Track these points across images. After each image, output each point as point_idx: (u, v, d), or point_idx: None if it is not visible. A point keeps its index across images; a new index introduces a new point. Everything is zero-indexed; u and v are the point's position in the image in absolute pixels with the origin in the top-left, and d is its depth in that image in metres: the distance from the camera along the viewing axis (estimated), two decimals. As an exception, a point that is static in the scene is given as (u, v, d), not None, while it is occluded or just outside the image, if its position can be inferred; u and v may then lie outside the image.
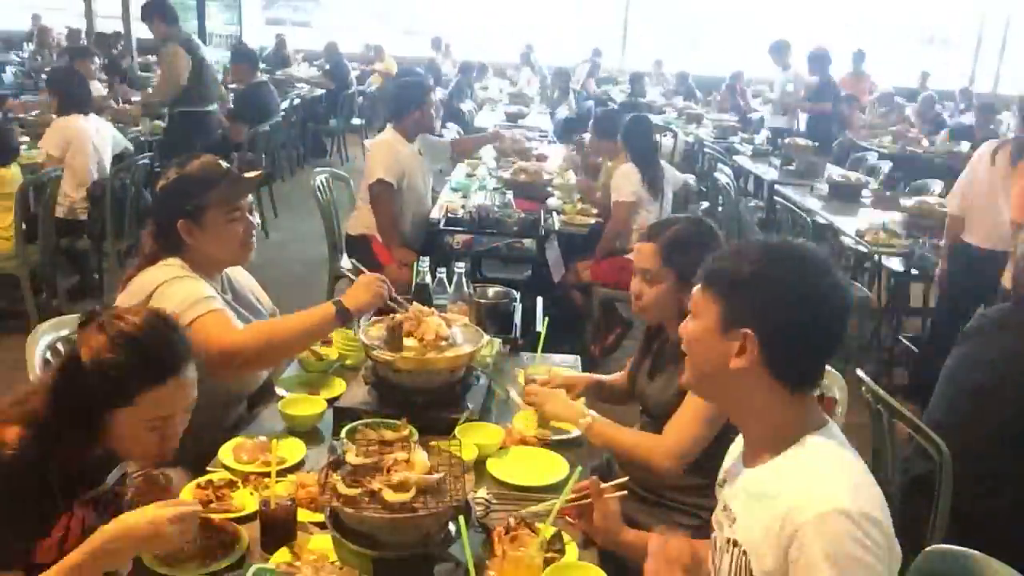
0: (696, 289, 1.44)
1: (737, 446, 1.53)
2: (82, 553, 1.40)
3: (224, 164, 2.23)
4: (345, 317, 2.14)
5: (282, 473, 1.84)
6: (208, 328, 2.01)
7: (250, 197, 2.28)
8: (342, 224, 4.59)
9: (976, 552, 1.52)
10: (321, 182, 4.60)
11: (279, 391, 2.30)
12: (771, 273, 1.35)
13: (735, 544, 1.36)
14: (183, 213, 2.14)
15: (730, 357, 1.35)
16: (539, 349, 2.39)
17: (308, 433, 2.10)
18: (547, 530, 1.61)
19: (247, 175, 2.26)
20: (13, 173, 4.33)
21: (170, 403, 1.54)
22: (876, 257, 4.83)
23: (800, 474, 1.30)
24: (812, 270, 1.35)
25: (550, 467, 1.99)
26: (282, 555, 1.59)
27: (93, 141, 4.82)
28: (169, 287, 2.07)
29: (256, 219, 2.30)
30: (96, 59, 8.30)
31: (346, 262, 2.58)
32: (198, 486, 1.80)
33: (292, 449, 1.99)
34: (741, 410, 1.42)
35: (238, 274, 2.41)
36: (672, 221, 2.23)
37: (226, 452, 1.95)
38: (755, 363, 1.33)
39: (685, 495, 2.11)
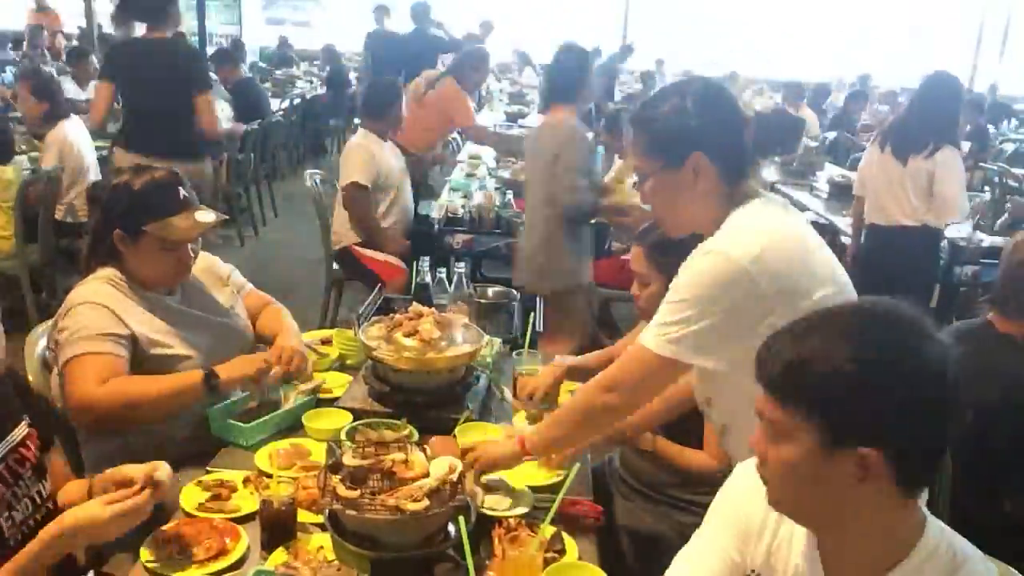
0: (767, 401, 1.11)
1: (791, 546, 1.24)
2: (27, 554, 1.40)
3: (183, 194, 2.07)
4: (214, 388, 1.97)
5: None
6: (72, 375, 1.91)
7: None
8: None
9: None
10: (315, 183, 4.58)
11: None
12: (879, 369, 1.04)
13: None
14: (121, 225, 2.04)
15: (847, 480, 1.05)
16: (526, 345, 2.38)
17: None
18: (547, 530, 1.61)
19: (200, 218, 2.07)
20: (12, 173, 4.32)
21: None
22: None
23: None
24: (920, 346, 1.06)
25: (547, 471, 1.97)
26: (280, 555, 1.59)
27: (81, 143, 4.82)
28: (78, 309, 1.97)
29: (198, 246, 2.15)
30: (95, 59, 8.29)
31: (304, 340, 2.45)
32: (198, 483, 1.80)
33: (319, 452, 1.95)
34: (843, 526, 1.13)
35: (206, 267, 2.29)
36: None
37: (262, 457, 1.93)
38: (882, 481, 1.06)
39: (688, 492, 2.11)
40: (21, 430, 1.61)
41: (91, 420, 1.95)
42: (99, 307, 1.98)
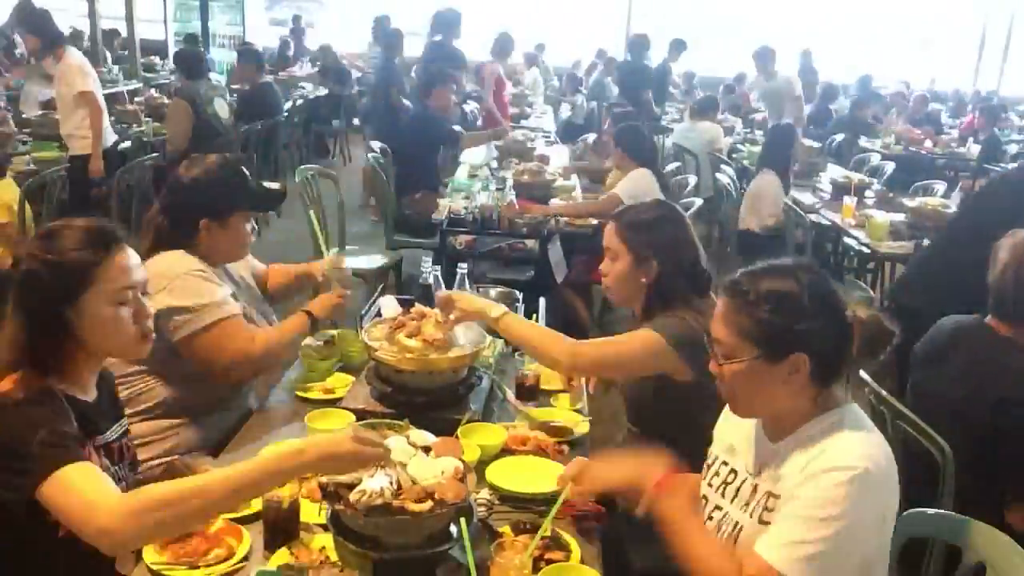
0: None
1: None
2: (260, 468, 1.44)
3: (247, 172, 2.32)
4: (315, 322, 2.36)
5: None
6: (221, 336, 2.13)
7: None
8: (330, 223, 4.66)
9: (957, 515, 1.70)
10: (306, 180, 4.61)
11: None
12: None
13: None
14: (209, 212, 2.21)
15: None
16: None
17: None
18: (546, 531, 1.61)
19: (270, 186, 2.40)
20: (8, 188, 4.21)
21: (126, 271, 1.60)
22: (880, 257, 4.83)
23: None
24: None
25: (550, 475, 1.93)
26: (283, 556, 1.59)
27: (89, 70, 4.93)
28: (191, 279, 2.13)
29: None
30: (105, 61, 8.32)
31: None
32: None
33: None
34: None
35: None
36: (638, 204, 2.32)
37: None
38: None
39: None
40: (122, 425, 1.74)
41: (241, 374, 2.23)
42: (206, 277, 2.17)
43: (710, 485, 1.67)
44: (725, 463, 1.66)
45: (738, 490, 1.60)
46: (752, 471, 1.59)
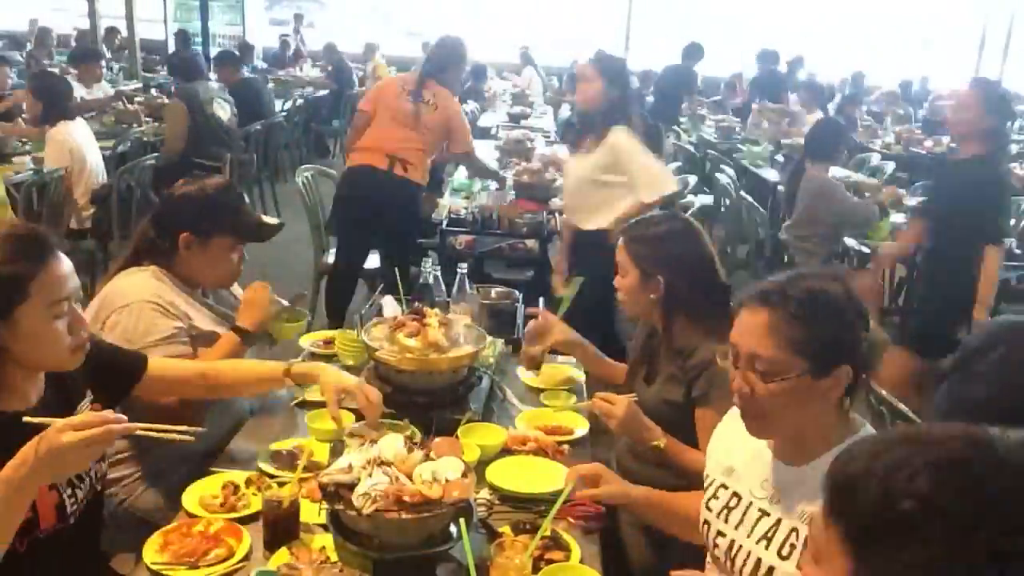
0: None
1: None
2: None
3: (246, 201, 2.29)
4: (247, 337, 2.17)
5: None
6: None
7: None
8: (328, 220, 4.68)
9: None
10: (306, 179, 4.63)
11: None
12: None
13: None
14: (191, 226, 2.13)
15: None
16: (559, 312, 2.45)
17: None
18: (546, 531, 1.61)
19: (267, 221, 2.32)
20: None
21: (61, 282, 1.50)
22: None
23: None
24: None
25: (550, 475, 1.95)
26: (283, 556, 1.59)
27: (86, 145, 4.80)
28: (143, 310, 2.04)
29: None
30: (104, 61, 8.32)
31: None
32: (201, 483, 1.81)
33: (320, 453, 1.94)
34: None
35: None
36: (648, 218, 2.28)
37: (264, 456, 1.94)
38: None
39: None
40: (86, 403, 1.65)
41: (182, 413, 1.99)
42: (152, 306, 2.05)
43: (709, 509, 1.59)
44: (724, 486, 1.57)
45: (744, 516, 1.50)
46: (765, 496, 1.48)
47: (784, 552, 1.42)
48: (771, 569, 1.43)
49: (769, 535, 1.45)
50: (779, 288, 1.40)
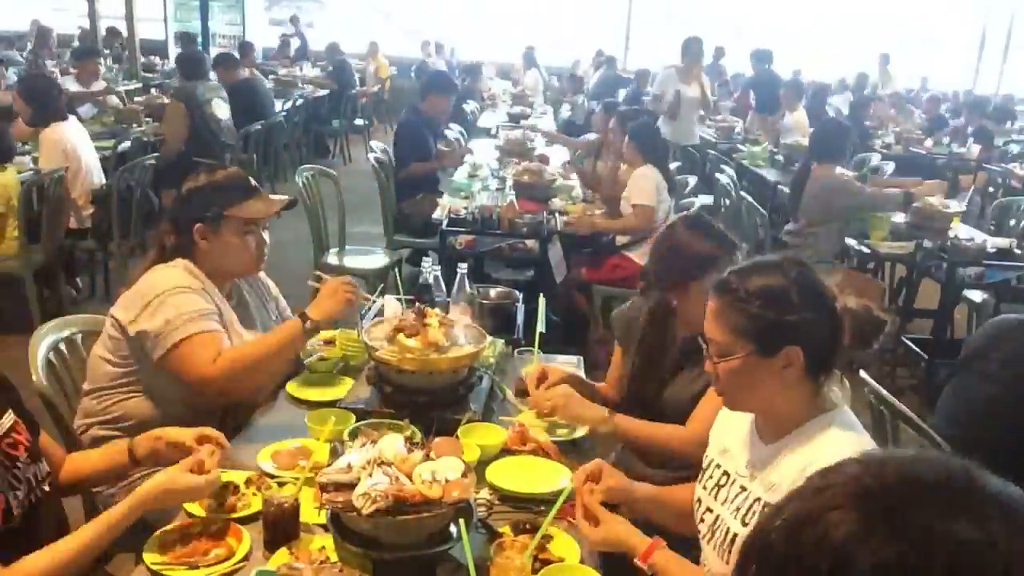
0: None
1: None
2: (120, 512, 1.58)
3: (252, 181, 2.29)
4: (312, 329, 2.18)
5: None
6: (186, 355, 2.05)
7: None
8: (329, 222, 4.68)
9: None
10: (306, 179, 4.61)
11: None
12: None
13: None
14: (202, 218, 2.17)
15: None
16: (535, 347, 2.38)
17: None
18: (546, 531, 1.61)
19: (273, 198, 2.33)
20: (9, 177, 4.28)
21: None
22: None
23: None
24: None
25: (550, 475, 1.95)
26: (283, 556, 1.59)
27: (80, 145, 4.80)
28: (171, 297, 2.08)
29: (267, 234, 2.31)
30: (103, 60, 8.32)
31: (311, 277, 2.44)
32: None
33: (322, 453, 1.95)
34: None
35: (257, 282, 2.45)
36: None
37: (265, 456, 1.94)
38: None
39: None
40: (8, 419, 1.66)
41: (213, 393, 2.09)
42: (187, 290, 2.11)
43: (704, 488, 1.68)
44: (718, 465, 1.67)
45: (728, 492, 1.61)
46: (743, 472, 1.59)
47: (748, 520, 1.52)
48: (735, 536, 1.54)
49: (740, 506, 1.56)
50: (729, 278, 1.54)
